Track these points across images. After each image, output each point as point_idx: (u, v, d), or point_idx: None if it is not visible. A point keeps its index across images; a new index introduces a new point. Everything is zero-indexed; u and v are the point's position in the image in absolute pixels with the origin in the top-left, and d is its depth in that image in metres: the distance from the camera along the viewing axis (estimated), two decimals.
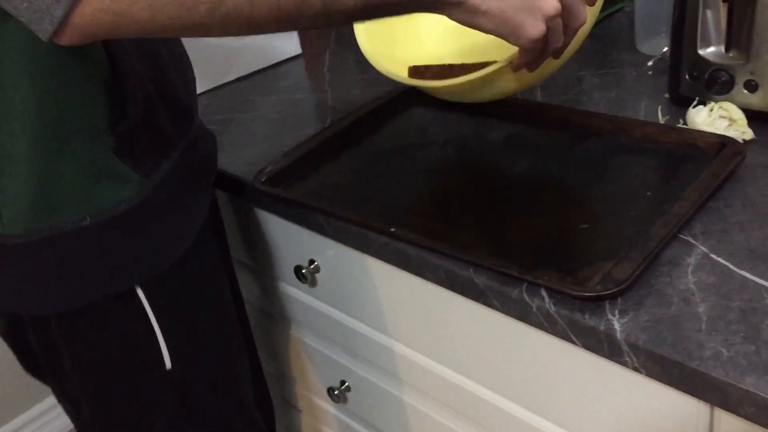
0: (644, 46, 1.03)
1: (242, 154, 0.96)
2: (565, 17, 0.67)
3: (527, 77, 0.78)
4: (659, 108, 0.88)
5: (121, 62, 0.66)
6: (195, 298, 0.79)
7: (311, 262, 0.91)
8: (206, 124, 1.05)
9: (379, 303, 0.86)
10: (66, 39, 0.53)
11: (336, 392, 1.01)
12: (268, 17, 0.55)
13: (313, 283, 0.94)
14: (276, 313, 1.08)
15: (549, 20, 0.65)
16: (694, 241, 0.67)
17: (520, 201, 0.77)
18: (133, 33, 0.54)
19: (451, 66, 0.86)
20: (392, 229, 0.74)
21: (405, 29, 0.93)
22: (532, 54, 0.69)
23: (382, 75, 0.86)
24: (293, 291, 1.00)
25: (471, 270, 0.68)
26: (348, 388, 1.02)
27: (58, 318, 0.72)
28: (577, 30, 0.69)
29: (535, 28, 0.65)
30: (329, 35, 1.31)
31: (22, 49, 0.59)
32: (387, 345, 0.88)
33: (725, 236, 0.67)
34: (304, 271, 0.91)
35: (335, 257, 0.87)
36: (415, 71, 0.89)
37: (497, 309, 0.68)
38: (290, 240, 0.93)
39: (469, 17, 0.64)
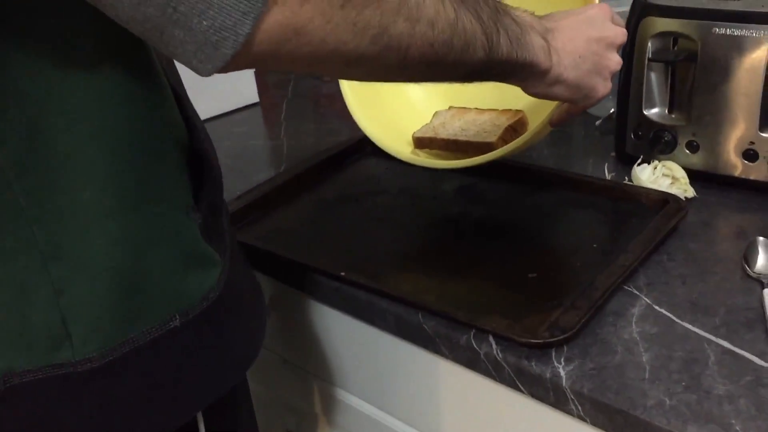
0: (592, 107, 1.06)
1: None
2: None
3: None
4: (606, 165, 0.90)
5: (192, 118, 0.57)
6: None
7: None
8: None
9: (326, 349, 0.85)
10: (232, 64, 0.43)
11: None
12: (420, 59, 0.51)
13: None
14: None
15: (613, 76, 0.66)
16: (638, 293, 0.68)
17: (471, 249, 0.78)
18: (298, 60, 0.46)
19: (455, 141, 0.87)
20: (342, 273, 0.74)
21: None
22: (581, 111, 0.70)
23: (339, 125, 0.88)
24: None
25: (420, 316, 0.68)
26: None
27: None
28: None
29: (605, 88, 0.66)
30: (287, 85, 1.32)
31: (91, 115, 0.48)
32: (333, 393, 0.87)
33: (668, 288, 0.68)
34: None
35: (286, 301, 0.86)
36: (420, 142, 0.89)
37: (445, 356, 0.67)
38: None
39: (547, 89, 0.63)
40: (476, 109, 0.91)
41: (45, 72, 0.46)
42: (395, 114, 0.94)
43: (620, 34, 0.67)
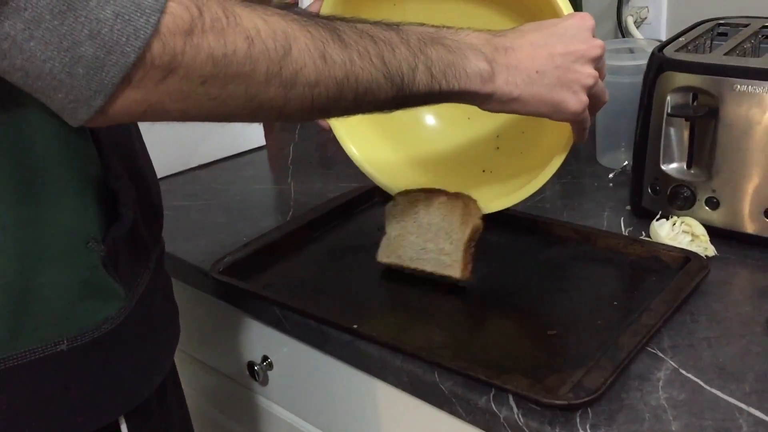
0: (604, 159, 1.05)
1: (199, 243, 0.93)
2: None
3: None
4: (622, 219, 0.89)
5: (109, 157, 0.58)
6: (177, 426, 0.72)
7: (265, 358, 0.87)
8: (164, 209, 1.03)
9: (335, 406, 0.82)
10: (92, 123, 0.47)
11: None
12: (301, 112, 0.52)
13: (264, 382, 0.89)
14: (225, 412, 1.03)
15: (589, 90, 0.64)
16: (663, 356, 0.66)
17: (486, 305, 0.76)
18: (167, 119, 0.49)
19: (422, 270, 0.82)
20: (355, 326, 0.71)
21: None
22: (581, 125, 0.68)
23: (346, 170, 0.85)
24: (243, 390, 0.95)
25: (436, 374, 0.66)
26: None
27: None
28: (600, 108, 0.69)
29: (578, 102, 0.63)
30: (294, 129, 1.31)
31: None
32: None
33: (693, 352, 0.66)
34: (256, 367, 0.86)
35: (291, 354, 0.84)
36: (388, 267, 0.84)
37: (462, 418, 0.65)
38: (244, 335, 0.89)
39: (501, 106, 0.63)
40: (424, 200, 0.83)
41: None
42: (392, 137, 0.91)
43: (595, 47, 0.64)
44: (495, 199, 0.81)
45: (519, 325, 0.72)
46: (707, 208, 0.82)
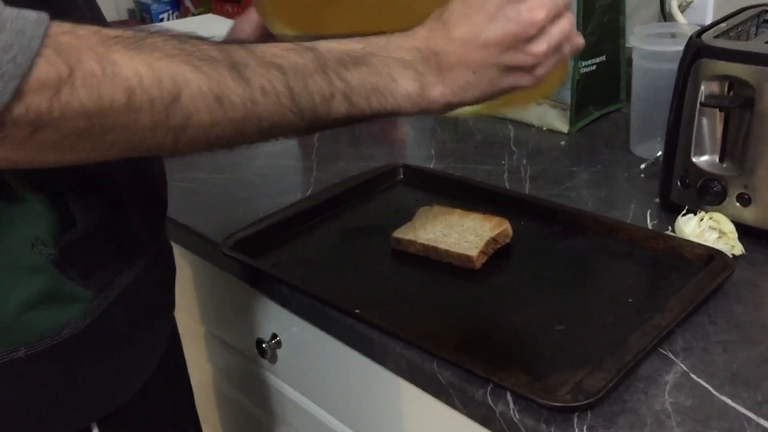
0: (638, 149, 1.01)
1: (216, 216, 0.93)
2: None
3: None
4: (648, 213, 0.85)
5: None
6: (167, 424, 0.70)
7: (274, 336, 0.87)
8: (184, 182, 1.03)
9: (338, 387, 0.81)
10: None
11: None
12: (196, 150, 0.49)
13: (273, 359, 0.89)
14: (237, 387, 1.03)
15: (538, 65, 0.55)
16: (674, 357, 0.63)
17: (495, 294, 0.74)
18: (39, 167, 0.46)
19: (435, 248, 0.78)
20: (357, 311, 0.70)
21: None
22: (549, 65, 0.57)
23: (373, 149, 0.82)
24: (253, 367, 0.95)
25: (435, 364, 0.64)
26: None
27: None
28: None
29: (530, 79, 0.56)
30: None
31: None
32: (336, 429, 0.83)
33: (707, 355, 0.63)
34: (264, 345, 0.86)
35: (299, 334, 0.83)
36: (399, 243, 0.81)
37: (458, 409, 0.63)
38: (255, 312, 0.89)
39: (446, 110, 0.57)
40: (461, 210, 0.84)
41: None
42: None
43: (530, 23, 0.54)
44: None
45: (527, 317, 0.69)
46: (738, 204, 0.78)
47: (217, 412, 1.11)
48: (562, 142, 1.08)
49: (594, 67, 1.10)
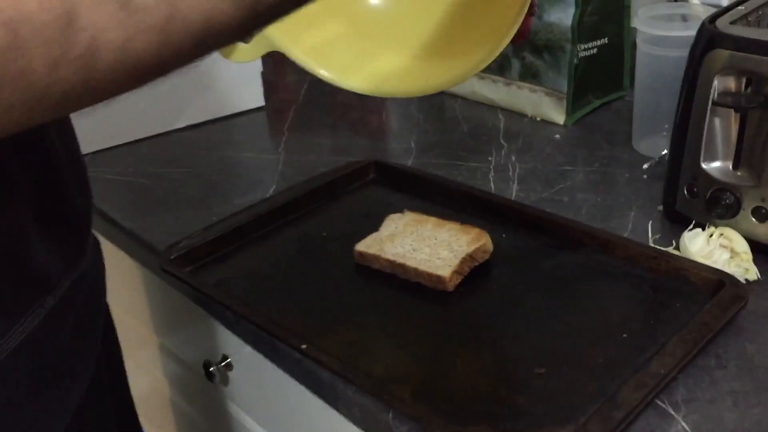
0: (642, 145, 0.90)
1: (163, 219, 0.83)
2: None
3: None
4: (650, 224, 0.74)
5: None
6: None
7: (224, 358, 0.77)
8: (132, 177, 0.93)
9: (293, 422, 0.71)
10: None
11: None
12: (117, 86, 0.36)
13: (225, 382, 0.79)
14: (192, 404, 0.94)
15: None
16: (673, 412, 0.53)
17: (469, 323, 0.63)
18: None
19: (402, 265, 0.69)
20: (303, 346, 0.60)
21: None
22: None
23: (349, 140, 0.70)
24: (205, 386, 0.85)
25: (390, 415, 0.54)
26: None
27: None
28: None
29: None
30: (300, 87, 1.18)
31: None
32: None
33: (713, 409, 0.53)
34: (212, 369, 0.76)
35: (250, 357, 0.73)
36: (362, 257, 0.71)
37: None
38: (205, 330, 0.79)
39: None
40: (435, 219, 0.73)
41: None
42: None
43: None
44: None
45: (501, 355, 0.59)
46: (754, 219, 0.67)
47: (172, 418, 1.02)
48: (557, 135, 0.97)
49: (595, 50, 0.98)
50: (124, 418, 0.68)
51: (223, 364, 0.77)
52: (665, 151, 0.84)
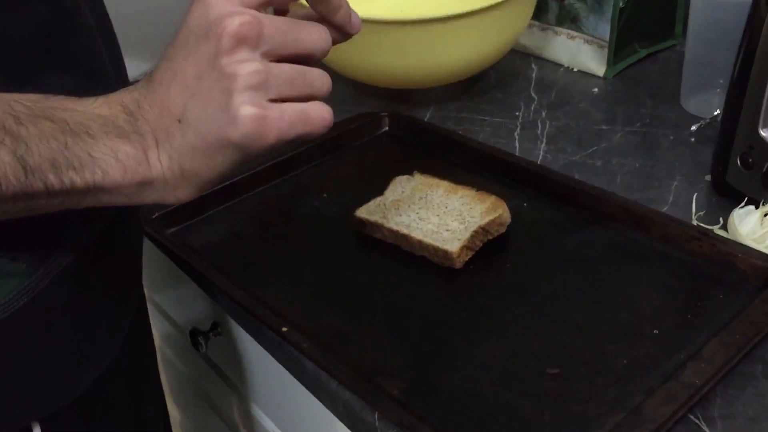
0: (690, 103, 0.80)
1: None
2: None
3: None
4: (694, 197, 0.65)
5: None
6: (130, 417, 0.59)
7: (214, 325, 0.71)
8: None
9: (281, 397, 0.65)
10: None
11: None
12: None
13: (213, 351, 0.73)
14: (189, 367, 0.88)
15: (255, 89, 0.38)
16: (707, 429, 0.45)
17: (476, 308, 0.56)
18: None
19: (406, 236, 0.61)
20: (284, 329, 0.53)
21: None
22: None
23: (362, 89, 0.62)
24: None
25: (376, 416, 0.47)
26: None
27: None
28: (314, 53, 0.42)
29: (248, 121, 0.38)
30: None
31: None
32: None
33: (756, 428, 0.45)
34: (200, 338, 0.70)
35: (237, 331, 0.67)
36: (362, 225, 0.63)
37: None
38: (194, 294, 0.73)
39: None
40: (448, 183, 0.65)
41: None
42: None
43: (226, 35, 0.38)
44: None
45: (509, 349, 0.51)
46: None
47: (164, 377, 0.97)
48: (595, 89, 0.86)
49: None
50: (149, 400, 0.66)
51: (212, 332, 0.70)
52: (718, 112, 0.74)
